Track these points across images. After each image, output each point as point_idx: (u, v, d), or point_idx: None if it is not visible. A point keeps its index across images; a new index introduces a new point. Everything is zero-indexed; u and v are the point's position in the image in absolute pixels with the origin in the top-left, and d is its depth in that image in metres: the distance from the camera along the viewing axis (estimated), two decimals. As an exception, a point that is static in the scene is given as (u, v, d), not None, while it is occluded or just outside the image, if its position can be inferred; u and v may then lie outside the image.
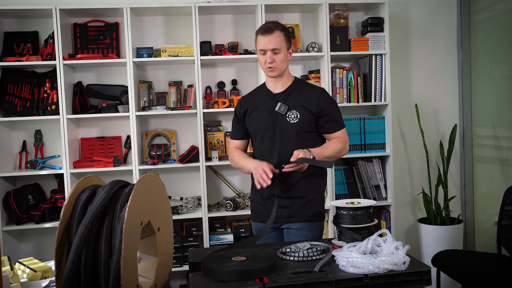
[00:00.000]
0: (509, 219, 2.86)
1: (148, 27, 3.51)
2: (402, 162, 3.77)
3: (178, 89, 3.47)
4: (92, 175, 1.58)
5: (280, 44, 2.19)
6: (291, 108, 2.22)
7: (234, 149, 2.39)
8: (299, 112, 2.21)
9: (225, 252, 1.68)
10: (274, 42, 2.18)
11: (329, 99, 2.28)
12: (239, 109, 2.36)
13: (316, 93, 2.25)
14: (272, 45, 2.18)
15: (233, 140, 2.42)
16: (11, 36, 3.35)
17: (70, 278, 1.30)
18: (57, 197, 3.28)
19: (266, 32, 2.19)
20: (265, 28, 2.20)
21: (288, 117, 2.21)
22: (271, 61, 2.18)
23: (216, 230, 3.36)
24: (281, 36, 2.20)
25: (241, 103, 2.37)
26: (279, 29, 2.20)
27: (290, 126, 2.21)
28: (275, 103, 2.24)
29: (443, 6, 3.76)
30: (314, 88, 2.30)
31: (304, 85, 2.31)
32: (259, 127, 2.28)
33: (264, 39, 2.19)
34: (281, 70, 2.23)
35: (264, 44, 2.19)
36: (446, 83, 3.79)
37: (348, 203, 1.88)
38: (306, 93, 2.26)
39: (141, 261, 1.61)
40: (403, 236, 3.78)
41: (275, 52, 2.19)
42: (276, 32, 2.19)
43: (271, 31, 2.18)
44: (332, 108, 2.26)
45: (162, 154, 3.39)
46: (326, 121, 2.24)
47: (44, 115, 3.25)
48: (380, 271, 1.49)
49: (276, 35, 2.18)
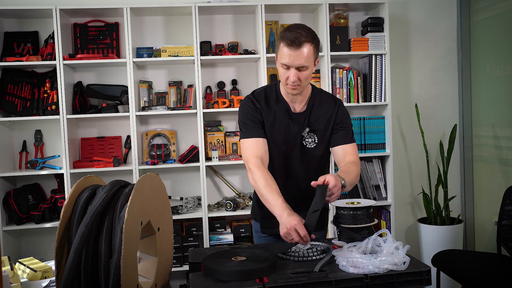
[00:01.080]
0: (509, 219, 2.86)
1: (148, 27, 3.51)
2: (402, 162, 3.77)
3: (178, 89, 3.47)
4: (92, 175, 1.58)
5: (309, 60, 1.80)
6: (310, 130, 1.97)
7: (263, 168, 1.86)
8: (317, 136, 1.97)
9: (225, 252, 1.68)
10: (302, 59, 1.78)
11: (345, 112, 2.03)
12: (255, 111, 1.96)
13: (335, 106, 2.00)
14: (298, 61, 1.78)
15: (253, 140, 1.92)
16: (11, 36, 3.35)
17: (70, 278, 1.30)
18: (57, 197, 3.28)
19: (293, 45, 1.77)
20: (292, 39, 1.77)
21: (305, 140, 1.97)
22: (295, 80, 1.81)
23: (216, 230, 3.36)
24: (310, 51, 1.79)
25: (256, 106, 1.96)
26: (308, 40, 1.78)
27: (306, 150, 1.98)
28: (295, 124, 1.96)
29: (443, 6, 3.76)
30: (332, 101, 2.02)
31: (322, 99, 2.01)
32: (271, 144, 1.99)
33: (290, 53, 1.78)
34: (304, 88, 1.88)
35: (289, 59, 1.79)
36: (446, 83, 3.79)
37: (348, 203, 1.88)
38: (324, 108, 1.99)
39: (141, 261, 1.61)
40: (403, 236, 3.79)
41: (301, 70, 1.81)
42: (305, 46, 1.77)
43: (300, 45, 1.77)
44: (347, 120, 2.01)
45: (162, 154, 3.39)
46: (339, 129, 1.99)
47: (44, 115, 3.26)
48: (380, 271, 1.49)
49: (305, 50, 1.78)
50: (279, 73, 1.87)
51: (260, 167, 1.86)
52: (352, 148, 1.99)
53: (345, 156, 1.97)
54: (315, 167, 2.01)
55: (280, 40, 1.82)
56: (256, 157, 1.88)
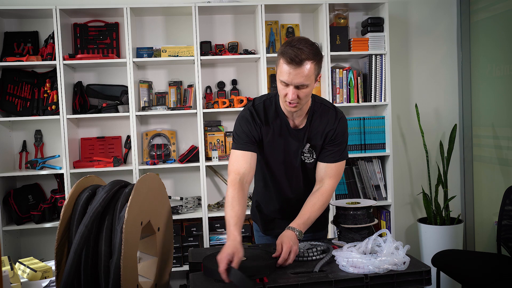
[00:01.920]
0: (509, 219, 2.86)
1: (148, 27, 3.51)
2: (402, 162, 3.77)
3: (178, 89, 3.47)
4: (92, 175, 1.58)
5: (309, 79, 1.72)
6: (311, 146, 1.93)
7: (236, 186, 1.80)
8: (315, 151, 1.93)
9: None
10: (302, 77, 1.70)
11: (345, 127, 1.94)
12: (253, 126, 1.89)
13: (335, 122, 1.91)
14: (298, 80, 1.70)
15: (240, 153, 1.86)
16: (11, 36, 3.35)
17: (70, 278, 1.30)
18: (57, 197, 3.28)
19: (293, 63, 1.69)
20: (292, 56, 1.68)
21: (304, 156, 1.93)
22: (293, 98, 1.74)
23: (216, 230, 3.36)
24: (311, 68, 1.71)
25: (256, 121, 1.89)
26: (310, 58, 1.70)
27: (304, 165, 1.95)
28: (294, 139, 1.91)
29: (443, 6, 3.76)
30: (333, 116, 1.92)
31: (323, 112, 1.92)
32: (271, 160, 1.96)
33: (289, 70, 1.70)
34: (303, 105, 1.82)
35: (288, 77, 1.71)
36: (446, 83, 3.79)
37: (348, 203, 1.88)
38: (324, 122, 1.91)
39: (141, 261, 1.62)
40: (403, 236, 3.79)
41: (301, 88, 1.73)
42: (306, 64, 1.69)
43: (300, 63, 1.68)
44: (342, 137, 1.93)
45: (162, 154, 3.39)
46: (331, 145, 1.91)
47: (44, 115, 3.26)
48: (380, 271, 1.49)
49: (305, 68, 1.69)
50: (278, 88, 1.80)
51: (234, 184, 1.81)
52: (335, 167, 1.91)
53: (325, 175, 1.92)
54: (305, 178, 1.99)
55: (280, 56, 1.73)
56: (236, 173, 1.84)
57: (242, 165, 1.85)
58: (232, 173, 1.85)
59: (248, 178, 1.86)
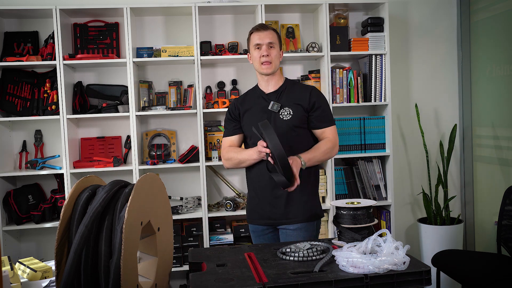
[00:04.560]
0: (509, 219, 2.86)
1: (148, 27, 3.51)
2: (402, 162, 3.77)
3: (178, 89, 3.47)
4: (92, 175, 1.58)
5: (275, 41, 2.28)
6: (284, 105, 2.26)
7: (229, 148, 2.35)
8: (291, 109, 2.25)
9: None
10: (270, 37, 2.26)
11: (320, 95, 2.33)
12: (233, 109, 2.38)
13: (307, 90, 2.30)
14: (267, 39, 2.25)
15: (228, 138, 2.38)
16: (11, 36, 3.35)
17: (70, 278, 1.30)
18: (57, 197, 3.28)
19: (261, 28, 2.28)
20: (260, 25, 2.32)
21: (281, 114, 2.25)
22: (267, 54, 2.23)
23: (216, 230, 3.36)
24: (274, 35, 2.29)
25: (235, 104, 2.39)
26: (272, 28, 2.31)
27: (283, 123, 2.23)
28: (268, 102, 2.28)
29: (443, 6, 3.76)
30: (306, 86, 2.35)
31: (296, 84, 2.36)
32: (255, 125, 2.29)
33: (259, 34, 2.27)
34: (276, 67, 2.28)
35: (259, 38, 2.26)
36: (446, 83, 3.79)
37: (348, 203, 1.88)
38: (297, 91, 2.31)
39: (141, 261, 1.61)
40: (403, 236, 3.79)
41: (271, 46, 2.25)
42: (270, 30, 2.29)
43: (266, 28, 2.29)
44: (323, 103, 2.30)
45: (162, 154, 3.39)
46: (316, 115, 2.26)
47: (44, 115, 3.26)
48: (380, 271, 1.49)
49: (270, 32, 2.28)
50: (253, 58, 2.29)
51: (229, 148, 2.34)
52: (329, 131, 2.28)
53: (324, 137, 2.28)
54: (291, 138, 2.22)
55: (250, 32, 2.32)
56: (228, 146, 2.35)
57: (232, 142, 2.36)
58: (223, 150, 2.36)
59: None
